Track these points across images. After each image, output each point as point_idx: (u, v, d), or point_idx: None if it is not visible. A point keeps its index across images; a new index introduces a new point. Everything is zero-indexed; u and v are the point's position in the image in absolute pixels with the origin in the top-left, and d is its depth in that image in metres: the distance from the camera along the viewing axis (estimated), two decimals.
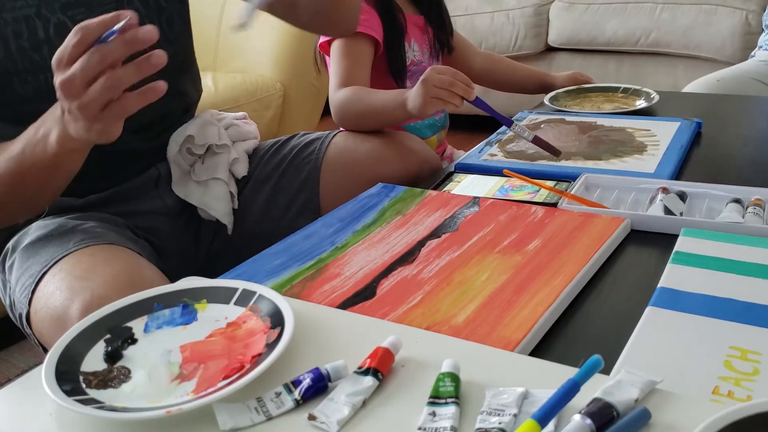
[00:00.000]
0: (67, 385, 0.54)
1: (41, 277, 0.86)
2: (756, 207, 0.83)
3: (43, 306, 0.84)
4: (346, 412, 0.50)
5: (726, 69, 1.71)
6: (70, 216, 0.95)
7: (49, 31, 0.91)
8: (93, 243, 0.87)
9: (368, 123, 1.14)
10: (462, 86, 1.03)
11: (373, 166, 1.06)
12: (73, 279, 0.82)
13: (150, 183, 1.05)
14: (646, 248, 0.80)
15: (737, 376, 0.54)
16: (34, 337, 0.89)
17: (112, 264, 0.84)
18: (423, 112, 1.07)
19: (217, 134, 1.07)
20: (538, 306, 0.65)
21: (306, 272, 0.75)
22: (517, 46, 2.69)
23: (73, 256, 0.86)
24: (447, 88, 1.03)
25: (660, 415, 0.47)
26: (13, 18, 0.90)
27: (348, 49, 1.22)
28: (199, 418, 0.51)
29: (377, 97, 1.13)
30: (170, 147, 1.05)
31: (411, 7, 1.36)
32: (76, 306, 0.79)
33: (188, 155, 1.06)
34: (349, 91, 1.16)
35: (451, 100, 1.04)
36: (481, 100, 1.09)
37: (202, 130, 1.06)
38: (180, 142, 1.04)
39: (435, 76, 1.03)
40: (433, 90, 1.03)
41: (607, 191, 0.94)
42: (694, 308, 0.63)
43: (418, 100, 1.05)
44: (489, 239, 0.79)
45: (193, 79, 1.13)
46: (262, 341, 0.58)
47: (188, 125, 1.06)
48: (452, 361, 0.53)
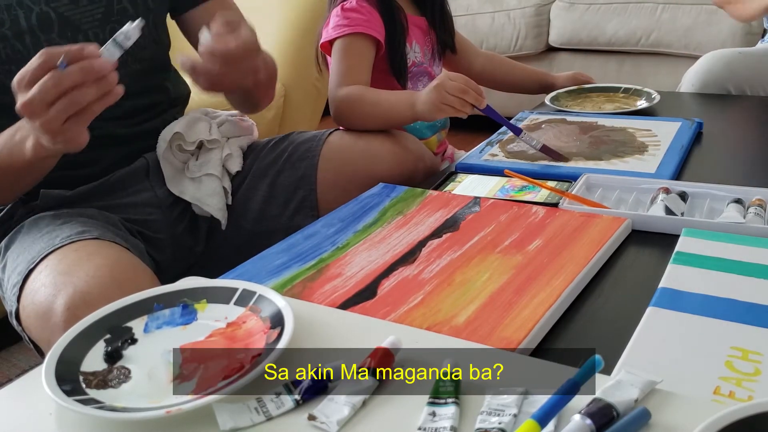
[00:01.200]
0: (67, 385, 0.54)
1: (28, 273, 0.86)
2: (757, 207, 0.83)
3: (29, 302, 0.85)
4: (346, 412, 0.50)
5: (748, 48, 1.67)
6: (61, 212, 0.96)
7: (32, 20, 0.93)
8: (78, 238, 0.88)
9: (372, 122, 1.14)
10: (474, 95, 1.04)
11: (369, 163, 1.07)
12: (57, 275, 0.83)
13: (140, 173, 1.05)
14: (647, 248, 0.80)
15: (738, 376, 0.54)
16: (25, 333, 0.89)
17: (95, 259, 0.84)
18: (431, 117, 1.09)
19: (207, 130, 1.08)
20: (538, 306, 0.65)
21: (307, 272, 0.75)
22: (517, 46, 2.69)
23: (59, 252, 0.86)
24: (459, 95, 1.03)
25: (660, 415, 0.47)
26: None
27: (350, 49, 1.22)
28: (199, 418, 0.50)
29: (384, 97, 1.14)
30: (159, 144, 1.06)
31: (413, 9, 1.36)
32: (60, 301, 0.79)
33: (179, 152, 1.06)
34: (353, 90, 1.16)
35: (462, 108, 1.04)
36: (492, 109, 1.10)
37: (190, 126, 1.07)
38: (168, 139, 1.05)
39: (448, 83, 1.04)
40: (445, 97, 1.04)
41: (608, 191, 0.94)
42: (695, 308, 0.63)
43: (428, 104, 1.06)
44: (490, 239, 0.79)
45: (176, 77, 1.15)
46: (262, 341, 0.58)
47: (176, 122, 1.07)
48: (452, 361, 0.53)
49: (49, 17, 0.93)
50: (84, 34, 0.97)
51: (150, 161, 1.06)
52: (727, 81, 1.42)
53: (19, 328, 0.90)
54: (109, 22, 0.99)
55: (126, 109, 1.02)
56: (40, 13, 0.93)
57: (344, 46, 1.23)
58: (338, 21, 1.25)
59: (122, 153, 1.04)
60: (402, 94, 1.11)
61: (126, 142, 1.05)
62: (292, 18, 2.08)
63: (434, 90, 1.05)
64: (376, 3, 1.27)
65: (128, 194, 1.04)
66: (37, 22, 0.93)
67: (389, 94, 1.14)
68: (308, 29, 1.93)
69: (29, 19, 0.92)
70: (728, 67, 1.43)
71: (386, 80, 1.29)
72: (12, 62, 0.93)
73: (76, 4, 0.96)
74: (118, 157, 1.04)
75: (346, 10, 1.25)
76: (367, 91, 1.16)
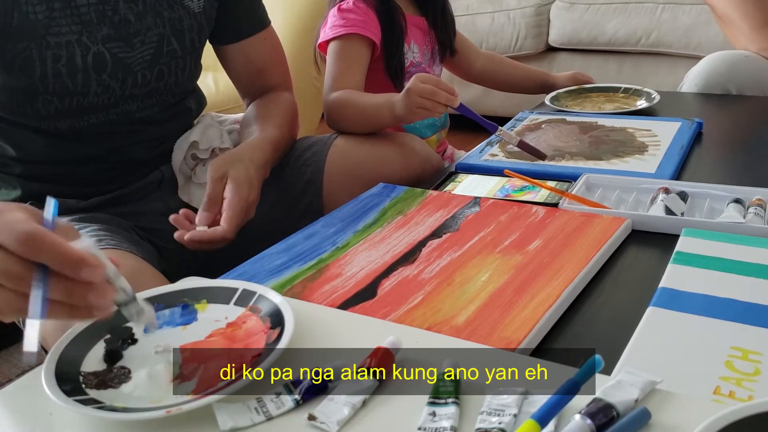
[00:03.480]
0: (67, 385, 0.54)
1: None
2: (757, 207, 0.83)
3: None
4: (346, 412, 0.50)
5: None
6: (74, 218, 0.96)
7: (87, 59, 0.92)
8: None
9: (359, 126, 1.14)
10: (445, 95, 1.04)
11: (375, 167, 1.07)
12: None
13: (153, 185, 1.05)
14: (647, 248, 0.80)
15: (738, 376, 0.54)
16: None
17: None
18: (410, 120, 1.11)
19: (219, 137, 1.09)
20: (538, 306, 0.65)
21: (307, 272, 0.75)
22: (517, 46, 2.69)
23: None
24: (430, 98, 1.04)
25: (660, 415, 0.47)
26: (56, 42, 0.90)
27: (343, 52, 1.23)
28: (199, 418, 0.51)
29: (367, 101, 1.14)
30: (175, 154, 1.06)
31: (413, 9, 1.36)
32: None
33: (192, 161, 1.07)
34: (340, 95, 1.17)
35: (435, 109, 1.05)
36: (466, 107, 1.10)
37: (205, 134, 1.07)
38: (185, 149, 1.05)
39: (419, 86, 1.04)
40: (417, 100, 1.04)
41: (608, 191, 0.94)
42: (695, 308, 0.63)
43: (403, 109, 1.07)
44: (490, 239, 0.79)
45: (198, 97, 1.15)
46: (262, 341, 0.58)
47: (191, 131, 1.07)
48: (452, 361, 0.53)
49: (104, 58, 0.93)
50: (134, 75, 0.97)
51: (165, 173, 1.06)
52: (729, 83, 1.42)
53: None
54: (158, 63, 0.99)
55: (152, 135, 1.02)
56: (97, 53, 0.93)
57: (338, 48, 1.23)
58: (335, 21, 1.25)
59: (142, 172, 1.05)
60: (381, 98, 1.12)
61: (147, 164, 1.05)
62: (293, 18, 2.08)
63: (405, 95, 1.06)
64: (373, 3, 1.27)
65: (140, 205, 1.04)
66: (92, 62, 0.93)
67: (372, 97, 1.14)
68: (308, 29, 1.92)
69: (85, 58, 0.92)
70: (731, 69, 1.43)
71: (384, 81, 1.29)
72: (56, 95, 0.93)
73: (131, 47, 0.95)
74: (138, 176, 1.04)
75: (343, 10, 1.25)
76: (353, 95, 1.17)
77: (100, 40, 0.93)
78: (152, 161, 1.05)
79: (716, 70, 1.43)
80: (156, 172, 1.06)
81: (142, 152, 1.03)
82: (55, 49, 0.90)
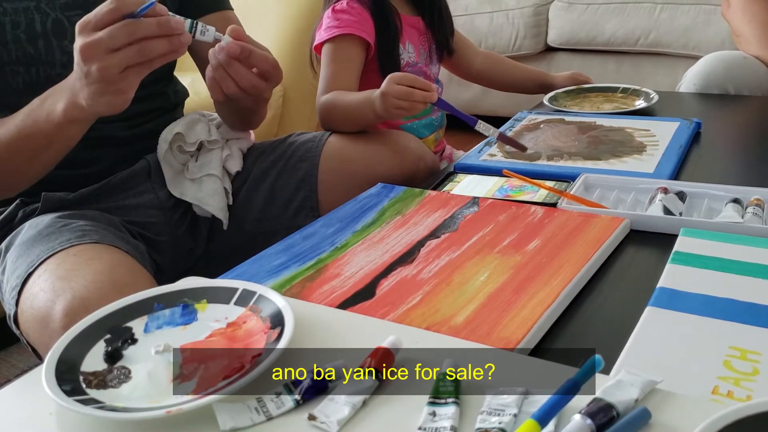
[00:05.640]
0: (67, 385, 0.53)
1: (27, 277, 0.86)
2: (755, 207, 0.83)
3: (28, 307, 0.84)
4: (346, 412, 0.50)
5: None
6: (62, 214, 0.96)
7: (47, 25, 0.94)
8: (78, 242, 0.87)
9: (347, 125, 1.15)
10: (420, 93, 1.04)
11: (369, 163, 1.07)
12: (56, 279, 0.82)
13: (141, 175, 1.05)
14: (646, 248, 0.80)
15: (737, 376, 0.54)
16: (23, 337, 0.89)
17: (95, 264, 0.84)
18: (391, 119, 1.12)
19: (206, 130, 1.08)
20: (537, 306, 0.65)
21: (306, 272, 0.75)
22: (516, 46, 2.69)
23: (58, 256, 0.85)
24: (404, 98, 1.04)
25: (660, 415, 0.47)
26: (13, 8, 0.92)
27: (336, 54, 1.23)
28: (199, 418, 0.51)
29: (351, 101, 1.15)
30: (160, 146, 1.06)
31: (409, 9, 1.36)
32: (58, 307, 0.79)
33: (180, 154, 1.06)
34: (329, 97, 1.18)
35: (413, 107, 1.05)
36: (444, 101, 1.10)
37: (190, 127, 1.07)
38: (169, 140, 1.05)
39: (393, 89, 1.04)
40: (393, 102, 1.05)
41: (606, 191, 0.94)
42: (693, 308, 0.63)
43: (381, 110, 1.07)
44: (488, 239, 0.79)
45: (175, 83, 1.17)
46: (262, 341, 0.58)
47: (176, 123, 1.07)
48: (452, 361, 0.53)
49: (63, 24, 0.95)
50: None
51: (151, 163, 1.06)
52: (727, 82, 1.42)
53: (17, 331, 0.89)
54: None
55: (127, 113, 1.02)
56: (56, 20, 0.95)
57: (331, 51, 1.24)
58: (329, 23, 1.25)
59: (122, 153, 1.05)
60: (362, 96, 1.12)
61: (126, 143, 1.05)
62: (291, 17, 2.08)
63: (381, 97, 1.06)
64: (367, 3, 1.27)
65: (130, 196, 1.04)
66: (51, 28, 0.94)
67: (355, 97, 1.15)
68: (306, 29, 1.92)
69: (45, 24, 0.94)
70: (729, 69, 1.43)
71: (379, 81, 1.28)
72: (21, 64, 0.94)
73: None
74: (118, 158, 1.04)
75: (337, 11, 1.26)
76: (338, 95, 1.17)
77: (58, 8, 0.95)
78: (131, 141, 1.05)
79: (714, 70, 1.44)
80: (142, 161, 1.06)
81: (117, 130, 1.03)
82: (12, 15, 0.92)
